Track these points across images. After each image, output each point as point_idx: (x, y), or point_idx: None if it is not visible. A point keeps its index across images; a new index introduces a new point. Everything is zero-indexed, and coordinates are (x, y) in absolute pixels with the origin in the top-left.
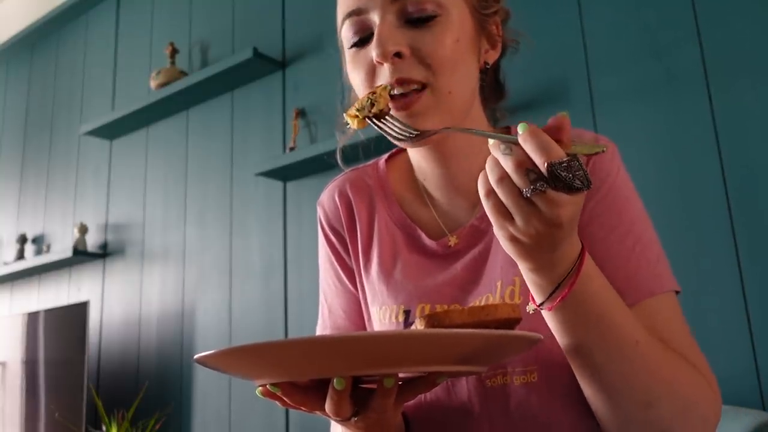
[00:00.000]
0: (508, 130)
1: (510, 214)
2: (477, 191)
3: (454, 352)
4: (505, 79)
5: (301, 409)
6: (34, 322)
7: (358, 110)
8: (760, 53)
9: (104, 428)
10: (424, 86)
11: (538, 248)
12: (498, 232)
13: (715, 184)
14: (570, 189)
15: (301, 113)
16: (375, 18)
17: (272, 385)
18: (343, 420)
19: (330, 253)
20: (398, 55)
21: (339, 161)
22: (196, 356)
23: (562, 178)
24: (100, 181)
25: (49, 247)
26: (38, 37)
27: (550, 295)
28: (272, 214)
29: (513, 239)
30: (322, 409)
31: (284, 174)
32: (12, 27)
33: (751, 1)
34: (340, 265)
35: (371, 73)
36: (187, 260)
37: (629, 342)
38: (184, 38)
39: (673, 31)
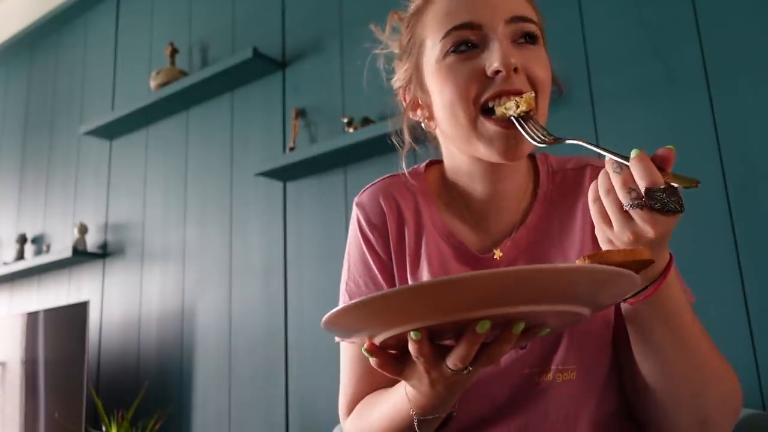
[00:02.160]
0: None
1: (610, 221)
2: (515, 210)
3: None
4: None
5: (419, 361)
6: (34, 322)
7: (506, 108)
8: (760, 53)
9: (104, 428)
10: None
11: None
12: (598, 234)
13: (715, 184)
14: (664, 211)
15: (301, 113)
16: (491, 34)
17: (415, 331)
18: (463, 369)
19: (367, 253)
20: (515, 70)
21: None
22: (325, 318)
23: (657, 200)
24: (100, 181)
25: (48, 247)
26: (38, 37)
27: (637, 293)
28: (272, 214)
29: (609, 242)
30: (441, 362)
31: (284, 174)
32: (12, 27)
33: (751, 1)
34: (377, 266)
35: (475, 80)
36: (187, 260)
37: (694, 338)
38: (184, 38)
39: (673, 31)
